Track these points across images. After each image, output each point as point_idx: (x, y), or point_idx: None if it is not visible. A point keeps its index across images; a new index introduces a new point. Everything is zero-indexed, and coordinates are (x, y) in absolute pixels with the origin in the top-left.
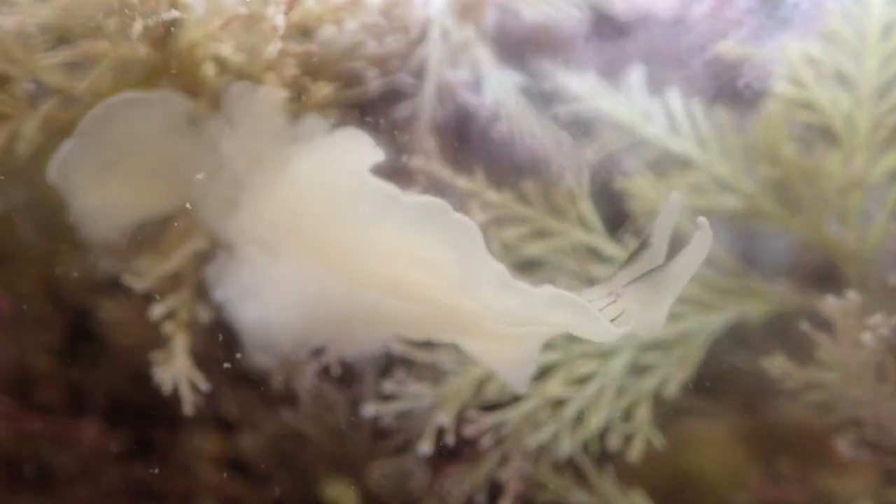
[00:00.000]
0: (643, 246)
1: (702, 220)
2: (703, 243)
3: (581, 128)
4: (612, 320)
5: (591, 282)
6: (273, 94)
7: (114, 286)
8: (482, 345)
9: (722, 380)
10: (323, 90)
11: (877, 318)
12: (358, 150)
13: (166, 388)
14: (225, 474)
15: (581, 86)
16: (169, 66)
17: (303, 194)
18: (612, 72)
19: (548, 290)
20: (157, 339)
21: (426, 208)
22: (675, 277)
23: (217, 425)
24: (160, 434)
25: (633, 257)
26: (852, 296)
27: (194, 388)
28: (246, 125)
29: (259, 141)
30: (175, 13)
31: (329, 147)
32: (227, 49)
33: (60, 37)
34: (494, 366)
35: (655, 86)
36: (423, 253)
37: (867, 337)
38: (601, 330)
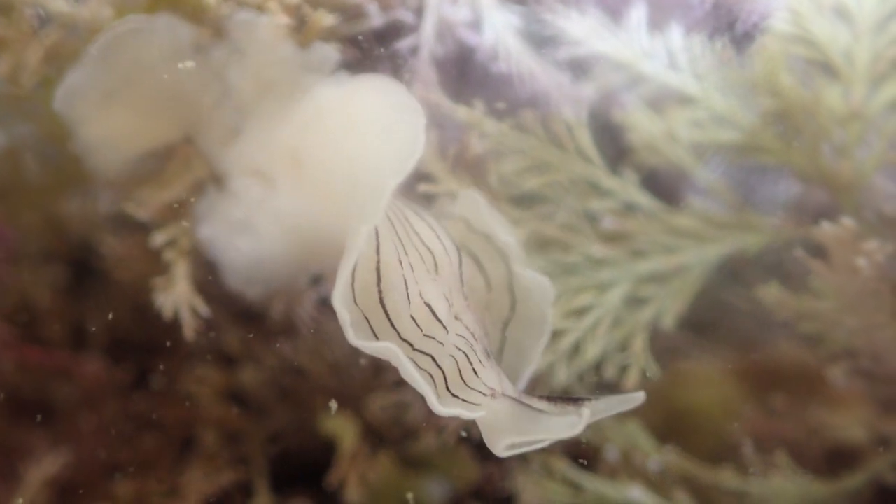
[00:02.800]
0: (576, 401)
1: (585, 410)
2: (573, 427)
3: (580, 68)
4: (465, 402)
5: (589, 216)
6: (277, 20)
7: (116, 221)
8: None
9: (717, 316)
10: (325, 19)
11: (872, 244)
12: (411, 110)
13: (167, 314)
14: (225, 407)
15: (580, 27)
16: None
17: (315, 124)
18: (612, 15)
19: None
20: (158, 273)
21: None
22: (537, 431)
23: (217, 359)
24: (161, 367)
25: (558, 398)
26: (847, 222)
27: (195, 313)
28: (253, 52)
29: (268, 68)
30: None
31: (365, 88)
32: None
33: None
34: None
35: (656, 26)
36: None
37: (862, 263)
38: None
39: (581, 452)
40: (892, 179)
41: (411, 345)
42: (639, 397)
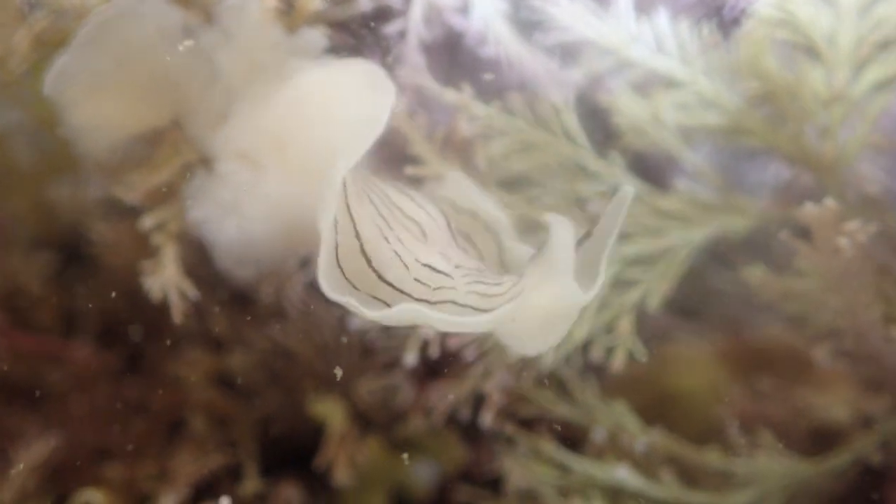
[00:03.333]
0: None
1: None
2: (563, 226)
3: (568, 53)
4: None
5: (580, 202)
6: (265, 4)
7: (106, 206)
8: None
9: (703, 299)
10: (312, 3)
11: (853, 224)
12: (379, 88)
13: (155, 297)
14: (214, 391)
15: (568, 12)
16: None
17: (302, 108)
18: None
19: None
20: (147, 257)
21: None
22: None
23: (206, 342)
24: (150, 352)
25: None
26: (830, 202)
27: (183, 296)
28: (242, 36)
29: (256, 52)
30: None
31: (343, 71)
32: None
33: None
34: None
35: (643, 13)
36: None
37: (844, 242)
38: None
39: (568, 434)
40: (875, 161)
41: (428, 302)
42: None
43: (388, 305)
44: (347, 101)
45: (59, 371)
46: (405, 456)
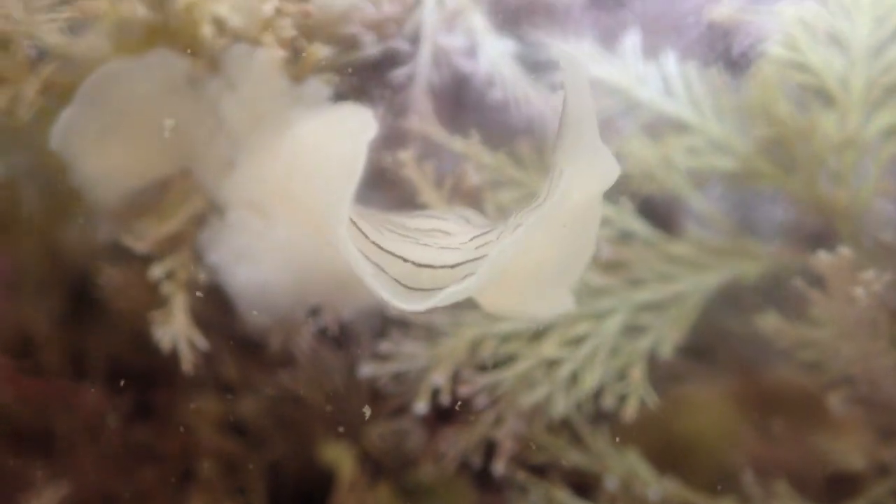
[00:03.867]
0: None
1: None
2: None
3: None
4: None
5: None
6: (272, 54)
7: (114, 251)
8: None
9: (716, 342)
10: (320, 51)
11: (869, 274)
12: (358, 125)
13: (165, 347)
14: (223, 437)
15: (576, 49)
16: (167, 26)
17: (300, 158)
18: (608, 40)
19: None
20: (157, 304)
21: None
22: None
23: (216, 388)
24: (160, 397)
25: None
26: (844, 251)
27: (193, 346)
28: (247, 86)
29: (261, 102)
30: None
31: (332, 117)
32: (224, 9)
33: None
34: None
35: (651, 54)
36: None
37: (859, 292)
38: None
39: (581, 482)
40: (890, 206)
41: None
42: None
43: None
44: (333, 145)
45: (67, 416)
46: None
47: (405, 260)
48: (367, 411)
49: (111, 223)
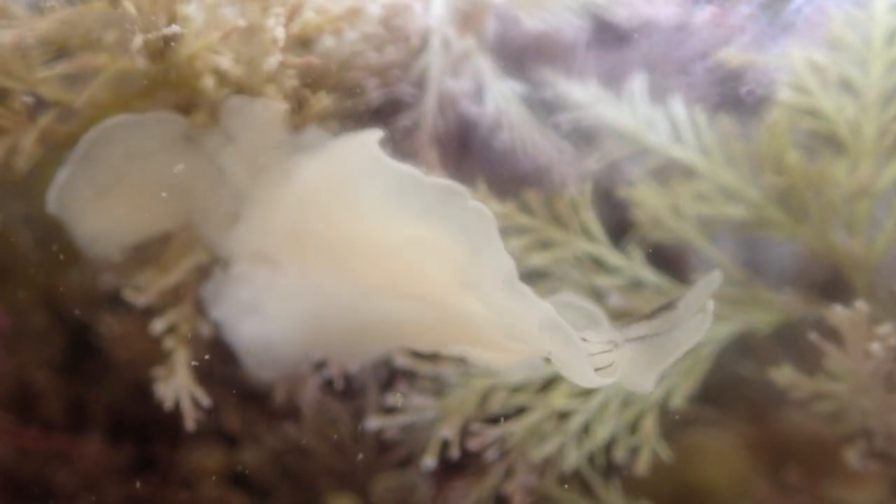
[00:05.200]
0: (667, 307)
1: (709, 304)
2: (703, 323)
3: (583, 137)
4: (600, 369)
5: (595, 293)
6: (272, 105)
7: (114, 301)
8: (488, 356)
9: (729, 390)
10: (323, 101)
11: (886, 328)
12: (367, 137)
13: (168, 404)
14: (227, 489)
15: (583, 94)
16: (168, 78)
17: (309, 198)
18: (613, 80)
19: (548, 308)
20: (158, 354)
21: (443, 191)
22: (674, 348)
23: (219, 440)
24: (162, 449)
25: (653, 314)
26: (860, 305)
27: (196, 403)
28: (246, 138)
29: (260, 153)
30: (175, 28)
31: (336, 146)
32: (226, 61)
33: (59, 50)
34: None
35: (658, 94)
36: (433, 239)
37: (876, 347)
38: (582, 375)
39: None
40: None
41: None
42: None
43: None
44: (348, 158)
45: (67, 469)
46: None
47: None
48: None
49: (111, 273)
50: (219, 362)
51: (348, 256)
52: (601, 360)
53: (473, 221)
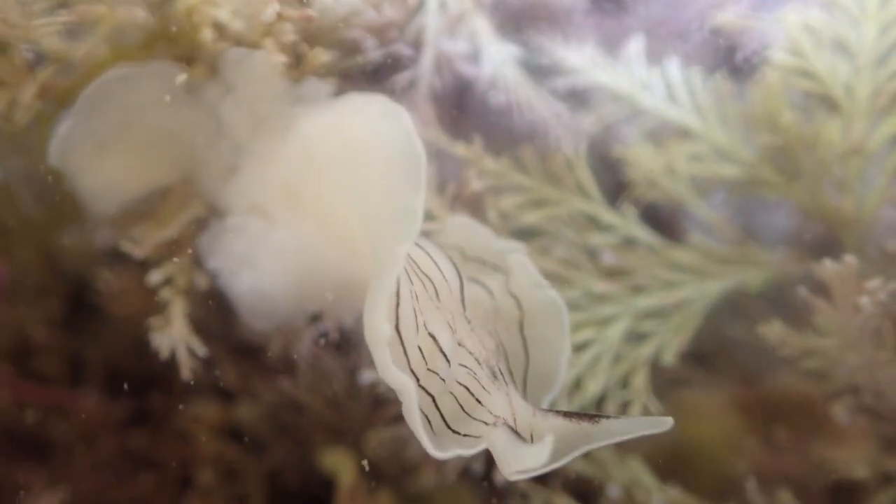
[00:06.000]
0: (594, 417)
1: (547, 439)
2: (538, 457)
3: (579, 99)
4: (466, 436)
5: (589, 251)
6: (271, 57)
7: (112, 256)
8: None
9: (719, 350)
10: (321, 56)
11: (874, 283)
12: (387, 104)
13: (163, 354)
14: (223, 443)
15: (579, 58)
16: (167, 31)
17: (311, 154)
18: (610, 46)
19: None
20: (155, 310)
21: None
22: (520, 460)
23: (215, 394)
24: (158, 403)
25: (573, 415)
26: (849, 260)
27: (192, 353)
28: (246, 89)
29: (261, 104)
30: None
31: (346, 105)
32: (224, 14)
33: (59, 2)
34: None
35: (655, 59)
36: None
37: (864, 301)
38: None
39: (583, 489)
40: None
41: (417, 378)
42: (667, 422)
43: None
44: (369, 141)
45: (65, 422)
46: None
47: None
48: None
49: (110, 229)
50: (215, 317)
51: (344, 215)
52: (473, 428)
53: None
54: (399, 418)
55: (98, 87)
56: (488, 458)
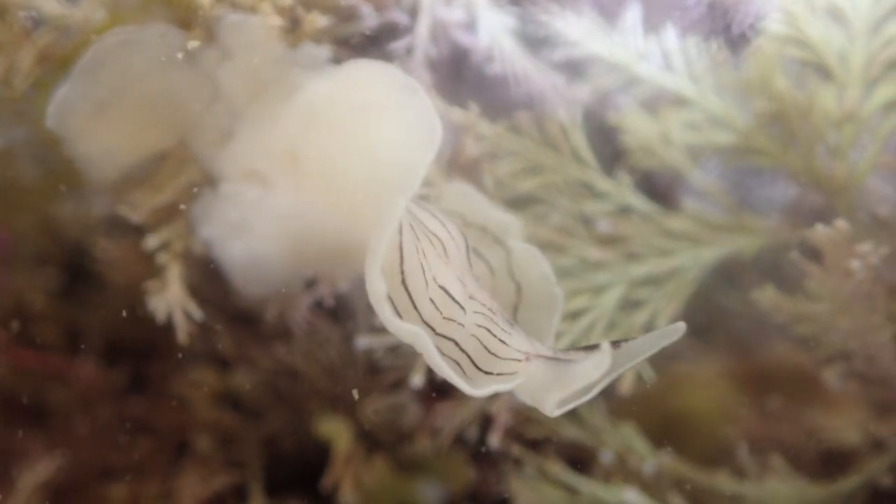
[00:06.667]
0: (612, 345)
1: (605, 344)
2: (602, 364)
3: (575, 68)
4: (500, 375)
5: (584, 219)
6: (270, 21)
7: (110, 224)
8: None
9: (712, 318)
10: (318, 21)
11: (866, 247)
12: (397, 73)
13: (160, 317)
14: (219, 410)
15: (576, 28)
16: None
17: (314, 118)
18: (607, 16)
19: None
20: (152, 276)
21: None
22: (571, 381)
23: (211, 362)
24: (155, 370)
25: (592, 347)
26: (841, 224)
27: (188, 316)
28: (244, 53)
29: (258, 69)
30: None
31: (354, 71)
32: None
33: None
34: None
35: (651, 30)
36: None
37: (856, 265)
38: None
39: (576, 455)
40: (887, 182)
41: (433, 329)
42: (679, 328)
43: (399, 316)
44: (380, 103)
45: (62, 389)
46: None
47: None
48: (356, 394)
49: (107, 196)
50: (210, 284)
51: (347, 179)
52: (505, 366)
53: None
54: (395, 385)
55: (96, 51)
56: (483, 426)
